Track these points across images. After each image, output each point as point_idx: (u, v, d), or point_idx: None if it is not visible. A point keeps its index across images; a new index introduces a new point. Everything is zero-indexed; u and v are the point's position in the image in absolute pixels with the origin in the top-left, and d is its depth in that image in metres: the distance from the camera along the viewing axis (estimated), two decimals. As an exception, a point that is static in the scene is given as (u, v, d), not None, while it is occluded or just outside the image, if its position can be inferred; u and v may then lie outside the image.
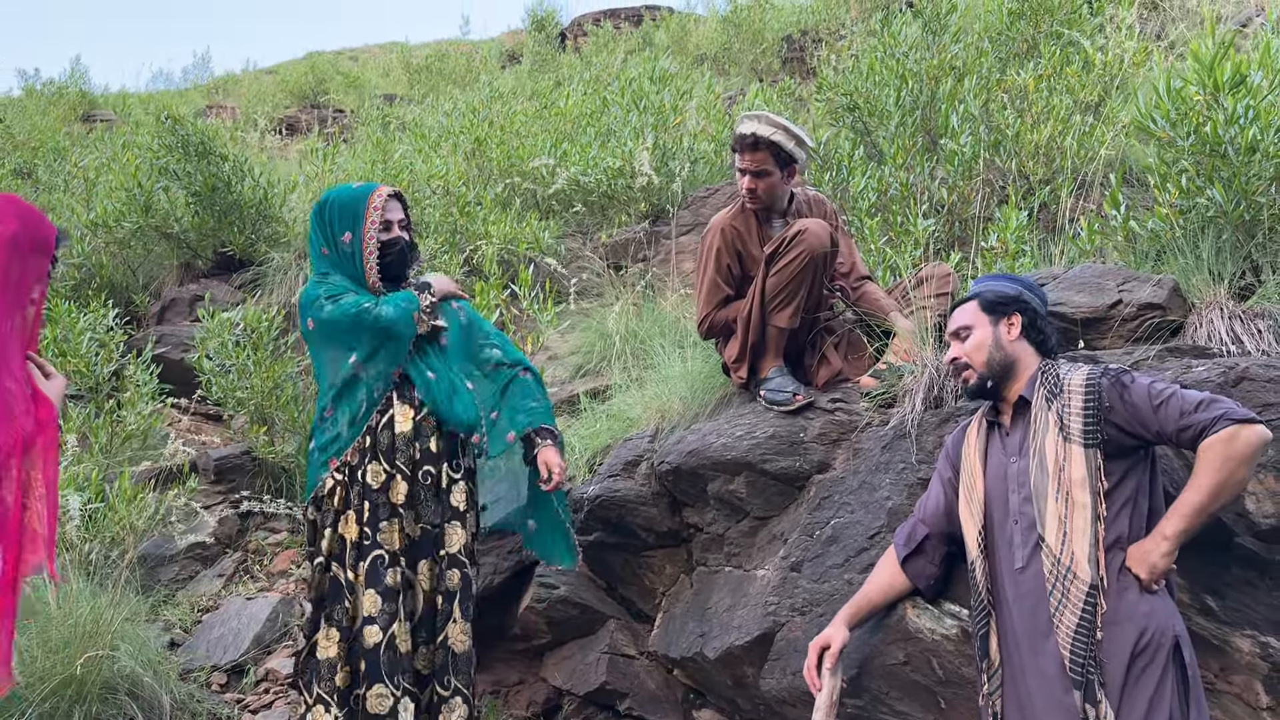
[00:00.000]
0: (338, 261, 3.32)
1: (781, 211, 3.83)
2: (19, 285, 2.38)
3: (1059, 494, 2.44)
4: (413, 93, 13.68)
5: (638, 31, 14.19)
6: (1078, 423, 2.45)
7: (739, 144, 3.67)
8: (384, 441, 3.26)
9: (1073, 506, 2.41)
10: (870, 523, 3.13)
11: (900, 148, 5.22)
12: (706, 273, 3.80)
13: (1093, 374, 2.49)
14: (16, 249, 2.37)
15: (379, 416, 3.29)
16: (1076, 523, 2.40)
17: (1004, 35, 6.20)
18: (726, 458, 3.50)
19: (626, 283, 5.45)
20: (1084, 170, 4.71)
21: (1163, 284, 3.20)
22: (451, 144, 7.96)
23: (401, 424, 3.28)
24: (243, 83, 15.87)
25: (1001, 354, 2.63)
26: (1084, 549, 2.38)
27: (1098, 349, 3.21)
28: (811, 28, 11.11)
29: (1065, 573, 2.40)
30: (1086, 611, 2.35)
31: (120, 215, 6.90)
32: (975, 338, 2.66)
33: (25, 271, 2.39)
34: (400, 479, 3.25)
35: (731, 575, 3.63)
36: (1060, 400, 2.50)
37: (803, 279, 3.49)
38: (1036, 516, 2.48)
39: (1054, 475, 2.46)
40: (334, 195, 3.38)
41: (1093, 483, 2.40)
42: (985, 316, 2.68)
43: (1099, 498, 2.40)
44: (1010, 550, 2.55)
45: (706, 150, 6.32)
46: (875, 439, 3.29)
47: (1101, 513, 2.39)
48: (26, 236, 2.40)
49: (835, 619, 2.80)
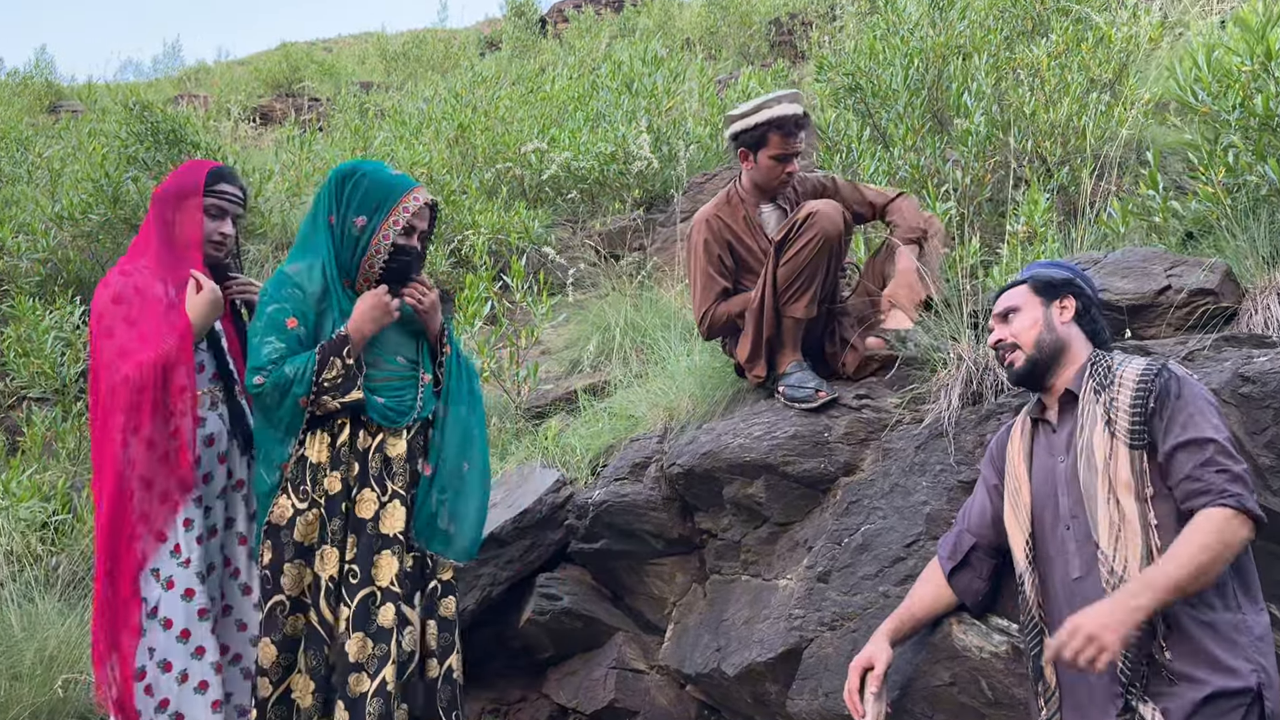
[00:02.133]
0: (335, 241, 2.87)
1: (771, 195, 3.57)
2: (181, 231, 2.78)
3: (1109, 495, 2.23)
4: (390, 80, 13.36)
5: (619, 17, 13.91)
6: (1124, 419, 2.23)
7: (792, 125, 3.42)
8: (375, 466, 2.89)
9: (1123, 512, 2.19)
10: (906, 530, 2.90)
11: (909, 129, 4.98)
12: (698, 267, 3.57)
13: (1149, 369, 2.27)
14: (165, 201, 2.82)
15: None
16: (1127, 529, 2.19)
17: (1007, 13, 5.97)
18: (745, 459, 3.26)
19: (622, 273, 5.19)
20: (1104, 150, 4.49)
21: (1214, 268, 2.97)
22: (434, 130, 7.67)
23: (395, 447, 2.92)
24: (215, 73, 15.48)
25: (1053, 336, 2.43)
26: (1136, 559, 2.16)
27: (1146, 338, 2.98)
28: (800, 10, 10.88)
29: (1119, 582, 2.17)
30: (1141, 627, 2.09)
31: (87, 207, 6.57)
32: (1024, 318, 2.46)
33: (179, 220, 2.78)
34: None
35: (749, 584, 3.39)
36: (1110, 392, 2.29)
37: (817, 265, 3.26)
38: (1089, 520, 2.26)
39: (1102, 474, 2.25)
40: (369, 170, 2.92)
41: (1138, 487, 2.19)
42: (1036, 298, 2.48)
43: (1146, 504, 2.18)
44: (1064, 559, 2.33)
45: (701, 134, 6.06)
46: (908, 438, 3.05)
47: (1151, 520, 2.17)
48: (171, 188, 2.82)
49: (876, 636, 2.57)
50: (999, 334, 2.50)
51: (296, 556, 2.77)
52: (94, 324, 2.69)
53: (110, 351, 2.63)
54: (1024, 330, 2.44)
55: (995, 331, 2.51)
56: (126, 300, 2.68)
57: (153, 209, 2.84)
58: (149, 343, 2.64)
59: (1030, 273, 2.54)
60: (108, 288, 2.70)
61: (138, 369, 2.60)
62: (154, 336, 2.65)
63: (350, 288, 2.90)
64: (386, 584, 2.77)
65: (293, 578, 2.76)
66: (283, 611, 2.76)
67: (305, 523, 2.78)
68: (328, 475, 2.80)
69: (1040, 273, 2.51)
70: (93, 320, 2.70)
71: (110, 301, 2.67)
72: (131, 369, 2.60)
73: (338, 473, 2.81)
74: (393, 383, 2.93)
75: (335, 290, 2.86)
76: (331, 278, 2.86)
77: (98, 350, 2.66)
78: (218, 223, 2.85)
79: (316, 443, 2.81)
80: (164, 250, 2.78)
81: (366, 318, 2.81)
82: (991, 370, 2.95)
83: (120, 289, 2.69)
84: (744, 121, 3.47)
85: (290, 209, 6.75)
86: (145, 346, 2.63)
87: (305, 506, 2.79)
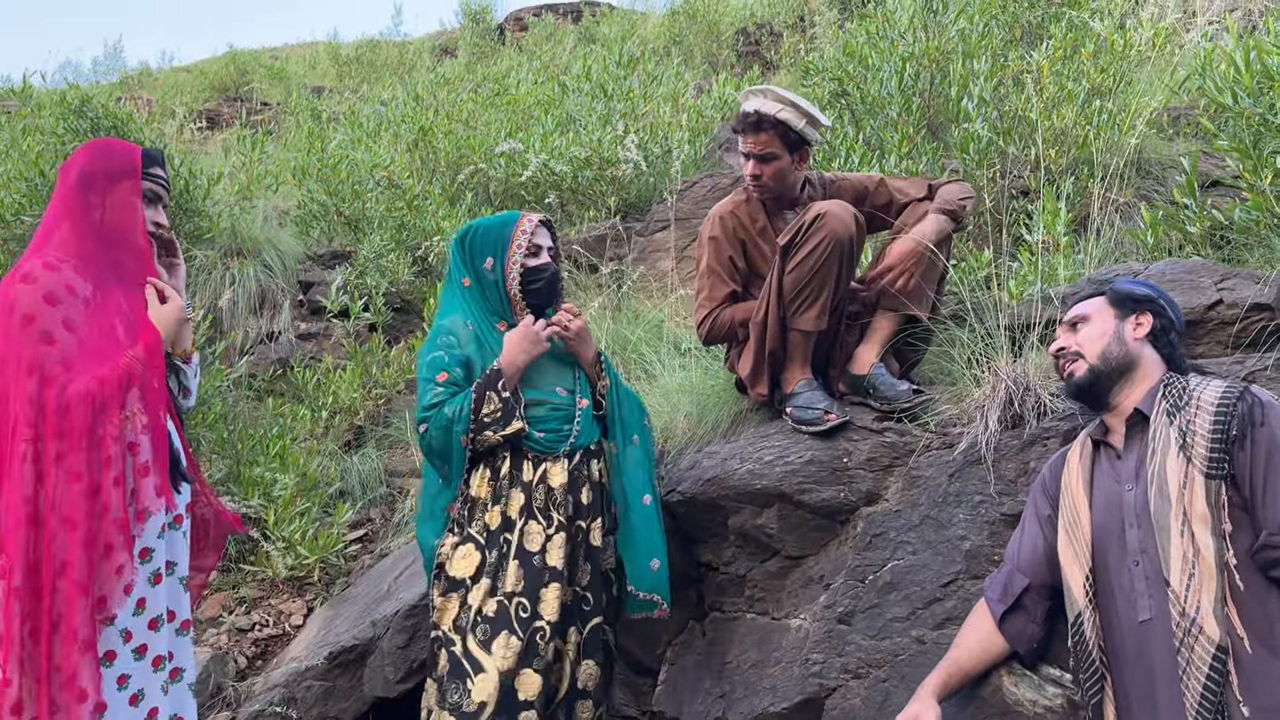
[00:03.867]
0: (478, 293, 2.96)
1: (793, 201, 3.29)
2: (116, 222, 2.34)
3: (1183, 528, 1.98)
4: (342, 85, 12.92)
5: (578, 27, 13.63)
6: (1203, 446, 2.01)
7: (741, 124, 3.15)
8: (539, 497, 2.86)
9: (1197, 547, 1.94)
10: (942, 568, 2.61)
11: (904, 135, 4.74)
12: (704, 265, 3.27)
13: (1230, 391, 2.05)
14: (89, 185, 2.32)
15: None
16: (1202, 566, 1.93)
17: (997, 19, 5.78)
18: (755, 487, 2.95)
19: (602, 284, 4.88)
20: (1112, 159, 4.28)
21: (1271, 282, 2.74)
22: (392, 134, 7.30)
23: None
24: (159, 77, 14.89)
25: (1122, 349, 2.23)
26: (1209, 600, 1.91)
27: (1195, 357, 2.74)
28: (767, 20, 10.68)
29: (1191, 626, 1.93)
30: (1213, 680, 1.89)
31: (19, 209, 6.07)
32: (1093, 328, 2.28)
33: (110, 205, 2.33)
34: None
35: (755, 624, 3.08)
36: (1185, 415, 2.07)
37: (828, 272, 2.95)
38: (1160, 555, 2.01)
39: (1176, 503, 2.00)
40: (479, 223, 3.05)
41: (1215, 522, 1.96)
42: (1110, 310, 2.29)
43: (1224, 541, 1.95)
44: (1130, 598, 2.07)
45: (681, 140, 5.77)
46: (939, 465, 2.77)
47: (1229, 560, 1.93)
48: (98, 170, 2.34)
49: (921, 694, 2.27)
50: (1063, 341, 2.32)
51: (449, 590, 2.77)
52: (15, 326, 2.18)
53: (51, 362, 2.16)
54: (1090, 340, 2.26)
55: (1059, 339, 2.34)
56: (60, 300, 2.21)
57: (71, 192, 2.33)
58: (96, 355, 2.22)
59: (1110, 285, 2.37)
60: (33, 283, 2.20)
61: (100, 384, 2.18)
62: (101, 348, 2.24)
63: (510, 328, 2.91)
64: (550, 618, 2.74)
65: (443, 612, 2.76)
66: (438, 647, 2.75)
67: (460, 558, 2.78)
68: (489, 510, 2.80)
69: (1120, 286, 2.34)
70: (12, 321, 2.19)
71: (42, 300, 2.18)
72: (91, 384, 2.17)
73: (498, 507, 2.81)
74: (555, 414, 2.91)
75: (484, 335, 2.92)
76: (480, 328, 2.93)
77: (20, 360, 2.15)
78: (154, 210, 2.41)
79: (477, 478, 2.83)
80: (82, 239, 2.31)
81: (517, 349, 2.84)
82: (1033, 391, 2.68)
83: (51, 286, 2.21)
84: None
85: (240, 213, 6.34)
86: (92, 359, 2.21)
87: (459, 540, 2.80)
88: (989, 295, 3.25)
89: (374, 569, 4.02)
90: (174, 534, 2.35)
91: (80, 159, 2.37)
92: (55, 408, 2.13)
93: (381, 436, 4.88)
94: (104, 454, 2.14)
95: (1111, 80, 4.76)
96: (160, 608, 2.27)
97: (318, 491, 4.44)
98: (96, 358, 2.23)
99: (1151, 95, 4.60)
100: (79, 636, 2.04)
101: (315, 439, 4.91)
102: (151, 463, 2.23)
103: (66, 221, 2.33)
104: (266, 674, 3.65)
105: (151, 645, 2.24)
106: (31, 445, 2.11)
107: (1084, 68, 4.75)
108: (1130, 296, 2.29)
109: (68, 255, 2.30)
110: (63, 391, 2.14)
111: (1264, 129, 2.97)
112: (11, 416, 2.15)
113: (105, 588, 2.12)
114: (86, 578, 2.06)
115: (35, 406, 2.13)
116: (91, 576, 2.07)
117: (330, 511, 4.39)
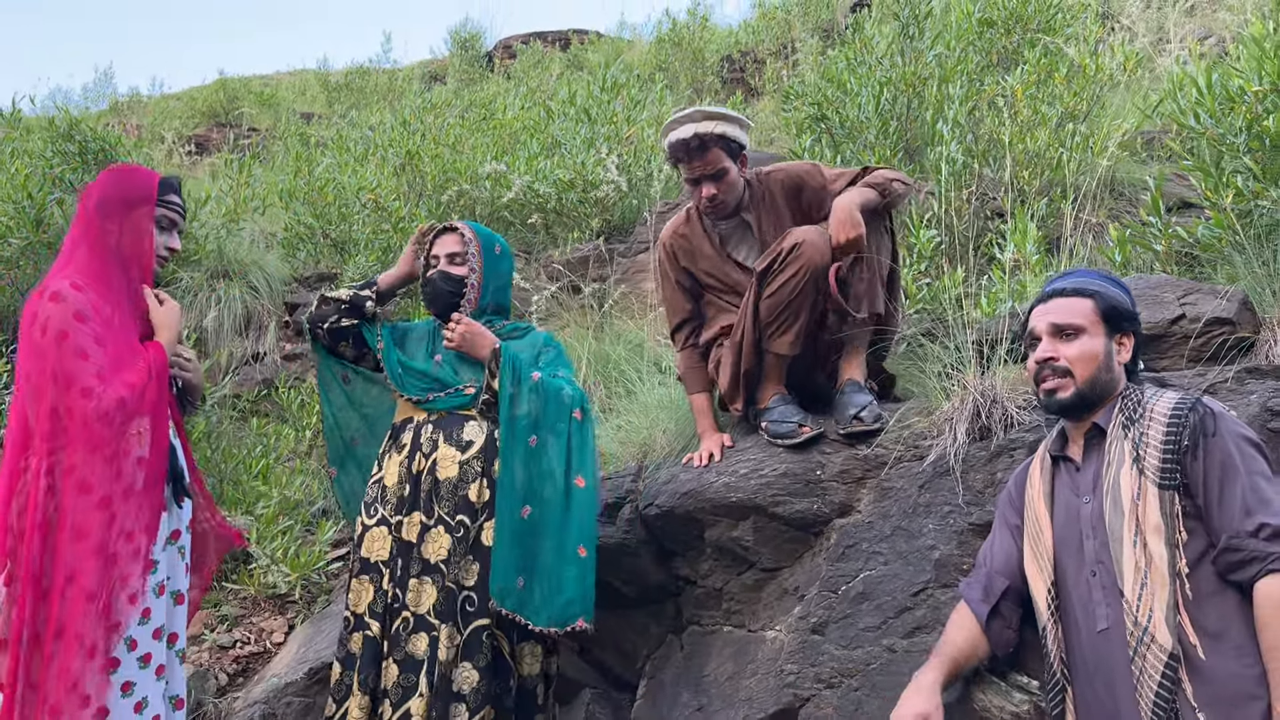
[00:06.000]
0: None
1: (738, 206, 3.31)
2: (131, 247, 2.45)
3: (1135, 539, 2.01)
4: (331, 111, 13.01)
5: (566, 54, 13.76)
6: (1155, 457, 2.04)
7: (681, 152, 3.14)
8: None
9: (1150, 556, 1.98)
10: (912, 577, 2.65)
11: (881, 158, 4.82)
12: (664, 293, 3.45)
13: (1182, 404, 2.07)
14: (106, 210, 2.43)
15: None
16: (1154, 575, 1.97)
17: (973, 45, 5.89)
18: (730, 500, 3.00)
19: (584, 304, 4.93)
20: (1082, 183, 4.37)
21: (1231, 296, 2.80)
22: (379, 157, 7.37)
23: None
24: (148, 104, 14.96)
25: (1109, 377, 2.19)
26: (1162, 609, 1.94)
27: (1160, 370, 2.80)
28: (751, 48, 10.81)
29: (1144, 635, 1.96)
30: (1165, 687, 1.91)
31: (7, 231, 6.11)
32: (1085, 346, 2.18)
33: (126, 230, 2.44)
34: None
35: (732, 636, 3.12)
36: (1139, 427, 2.09)
37: (803, 300, 3.00)
38: (1115, 565, 2.04)
39: (1129, 515, 2.04)
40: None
41: (1169, 532, 1.98)
42: (1102, 325, 2.21)
43: (1177, 551, 1.97)
44: (1089, 609, 2.10)
45: (660, 163, 5.86)
46: (909, 477, 2.82)
47: (1181, 569, 1.96)
48: (115, 196, 2.45)
49: (921, 687, 2.19)
50: (1051, 352, 2.20)
51: (362, 572, 2.86)
52: (49, 342, 2.27)
53: (87, 375, 2.25)
54: (1083, 361, 2.17)
55: (1046, 346, 2.21)
56: (88, 318, 2.30)
57: (90, 217, 2.45)
58: (122, 368, 2.33)
59: (1093, 286, 2.25)
60: (63, 301, 2.29)
61: (131, 390, 2.29)
62: (124, 361, 2.34)
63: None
64: (423, 612, 2.78)
65: (356, 594, 2.85)
66: (346, 628, 2.84)
67: (372, 539, 2.87)
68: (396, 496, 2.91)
69: (1110, 294, 2.23)
70: (45, 338, 2.28)
71: (73, 318, 2.28)
72: (123, 389, 2.28)
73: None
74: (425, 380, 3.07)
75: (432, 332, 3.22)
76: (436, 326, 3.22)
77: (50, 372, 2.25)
78: (167, 236, 2.55)
79: (391, 464, 2.96)
80: (101, 263, 2.42)
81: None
82: (1000, 404, 2.74)
83: (80, 305, 2.30)
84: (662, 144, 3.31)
85: (227, 236, 6.39)
86: (119, 372, 2.32)
87: (374, 523, 2.91)
88: (960, 312, 3.31)
89: (356, 586, 4.04)
90: (171, 549, 2.41)
91: (100, 185, 2.49)
92: (93, 416, 2.21)
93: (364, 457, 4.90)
94: (117, 467, 2.22)
95: (1085, 104, 4.85)
96: (161, 619, 2.32)
97: (300, 510, 4.46)
98: (122, 371, 2.34)
99: (1124, 119, 4.69)
100: (84, 643, 2.09)
101: (298, 458, 4.94)
102: (152, 476, 2.32)
103: (84, 245, 2.43)
104: (247, 690, 3.66)
105: (155, 654, 2.30)
106: (49, 458, 2.20)
107: (1057, 91, 4.84)
108: (1121, 313, 2.22)
109: (87, 278, 2.39)
110: (101, 400, 2.24)
111: (1225, 149, 3.05)
112: (26, 429, 2.24)
113: (112, 596, 2.17)
114: (95, 586, 2.13)
115: (54, 419, 2.22)
116: (100, 585, 2.13)
117: (312, 530, 4.41)
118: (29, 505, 2.17)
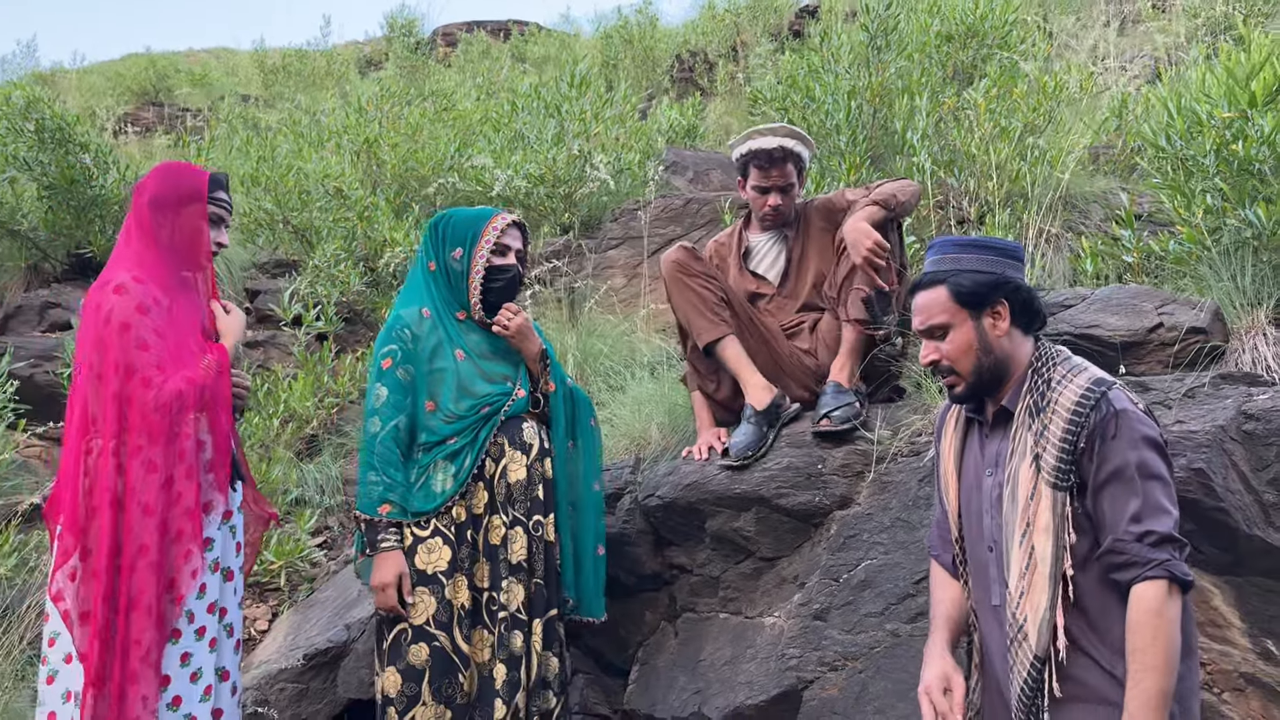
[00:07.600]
0: (441, 280, 3.05)
1: (768, 224, 3.50)
2: (184, 242, 2.55)
3: (1023, 539, 2.02)
4: (269, 93, 12.77)
5: (505, 45, 13.72)
6: (1052, 455, 2.00)
7: (764, 160, 3.36)
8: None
9: (1034, 560, 1.99)
10: (913, 566, 2.81)
11: (851, 165, 4.99)
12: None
13: (1085, 400, 1.99)
14: (160, 208, 2.53)
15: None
16: (1036, 577, 1.98)
17: (933, 59, 6.10)
18: (734, 491, 3.12)
19: (558, 298, 5.00)
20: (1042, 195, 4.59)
21: (1205, 307, 3.02)
22: (335, 144, 7.31)
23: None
24: (73, 77, 14.49)
25: (991, 357, 2.11)
26: (1038, 611, 1.97)
27: (1139, 374, 2.99)
28: (701, 49, 10.94)
29: (1018, 633, 2.01)
30: (1028, 685, 1.98)
31: (-45, 209, 5.97)
32: (956, 340, 2.12)
33: (179, 226, 2.53)
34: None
35: (728, 623, 3.24)
36: (1042, 419, 2.04)
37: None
38: (1004, 554, 2.07)
39: (1022, 513, 2.03)
40: (456, 211, 3.16)
41: (1058, 534, 1.97)
42: (963, 311, 2.12)
43: (1065, 552, 1.97)
44: (985, 581, 2.15)
45: (630, 160, 5.94)
46: (909, 471, 2.97)
47: (1066, 571, 1.96)
48: (168, 193, 2.54)
49: (935, 654, 2.20)
50: (931, 354, 2.16)
51: (419, 585, 2.82)
52: (112, 333, 2.37)
53: (147, 366, 2.36)
54: (960, 355, 2.12)
55: (927, 350, 2.17)
56: (149, 310, 2.41)
57: (143, 213, 2.55)
58: (179, 361, 2.43)
59: (943, 270, 2.16)
60: (125, 294, 2.41)
61: (189, 384, 2.40)
62: (181, 355, 2.45)
63: (469, 319, 3.05)
64: (514, 609, 2.85)
65: (414, 608, 2.81)
66: (406, 640, 2.79)
67: (427, 550, 2.84)
68: (456, 505, 2.89)
69: (958, 273, 2.13)
70: (108, 329, 2.38)
71: (135, 310, 2.39)
72: (183, 383, 2.39)
73: (464, 501, 2.91)
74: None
75: (443, 322, 3.01)
76: (437, 315, 3.01)
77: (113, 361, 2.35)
78: (216, 231, 2.63)
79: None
80: (156, 258, 2.52)
81: None
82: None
83: (142, 297, 2.41)
84: (733, 151, 3.46)
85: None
86: (177, 364, 2.43)
87: (427, 534, 2.86)
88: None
89: (340, 574, 4.06)
90: (224, 529, 2.50)
91: (152, 182, 2.59)
92: (151, 406, 2.32)
93: (337, 445, 4.91)
94: (179, 449, 2.34)
95: (1042, 118, 5.08)
96: (215, 594, 2.39)
97: (276, 498, 4.46)
98: (181, 363, 2.43)
99: (1078, 134, 4.93)
100: (153, 612, 2.16)
101: (267, 446, 4.92)
102: (214, 461, 2.43)
103: (137, 240, 2.53)
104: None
105: (209, 628, 2.36)
106: (114, 439, 2.30)
107: (1017, 105, 5.06)
108: (977, 290, 2.11)
109: (146, 270, 2.48)
110: (160, 391, 2.34)
111: (1195, 169, 3.27)
112: (89, 414, 2.33)
113: (175, 570, 2.24)
114: (160, 559, 2.20)
115: (119, 404, 2.32)
116: (164, 559, 2.20)
117: (290, 517, 4.41)
118: (98, 484, 2.27)
